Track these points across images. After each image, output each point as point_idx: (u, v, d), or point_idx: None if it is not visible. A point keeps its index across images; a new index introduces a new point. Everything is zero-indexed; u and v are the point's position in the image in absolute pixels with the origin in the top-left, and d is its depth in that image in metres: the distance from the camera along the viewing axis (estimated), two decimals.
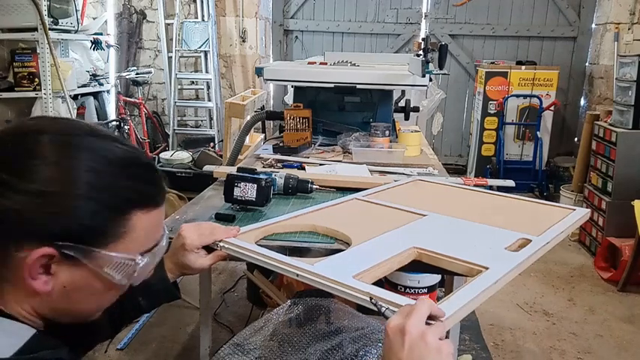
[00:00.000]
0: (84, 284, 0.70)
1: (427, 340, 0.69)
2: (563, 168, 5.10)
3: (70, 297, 0.70)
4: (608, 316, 2.95)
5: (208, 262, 1.05)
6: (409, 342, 0.68)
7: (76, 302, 0.71)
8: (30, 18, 3.40)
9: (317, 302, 1.04)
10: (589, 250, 3.84)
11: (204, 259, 1.04)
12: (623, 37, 4.75)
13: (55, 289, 0.68)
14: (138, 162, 0.74)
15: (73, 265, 0.67)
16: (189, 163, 4.57)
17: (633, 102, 3.58)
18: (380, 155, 2.03)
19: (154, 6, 5.24)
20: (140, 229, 0.71)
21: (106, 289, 0.73)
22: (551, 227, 1.17)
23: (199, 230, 1.05)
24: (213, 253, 1.05)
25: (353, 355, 0.99)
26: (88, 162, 0.67)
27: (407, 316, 0.70)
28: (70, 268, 0.67)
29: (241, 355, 0.97)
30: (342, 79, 2.25)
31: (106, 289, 0.73)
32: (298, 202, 1.49)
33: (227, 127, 3.01)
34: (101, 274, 0.70)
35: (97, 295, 0.73)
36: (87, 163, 0.67)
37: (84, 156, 0.67)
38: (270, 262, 0.97)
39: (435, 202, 1.39)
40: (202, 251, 1.04)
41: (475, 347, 2.56)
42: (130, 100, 5.04)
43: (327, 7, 5.65)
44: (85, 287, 0.70)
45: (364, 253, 1.01)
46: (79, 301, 0.71)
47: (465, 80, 5.69)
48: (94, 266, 0.68)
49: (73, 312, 0.73)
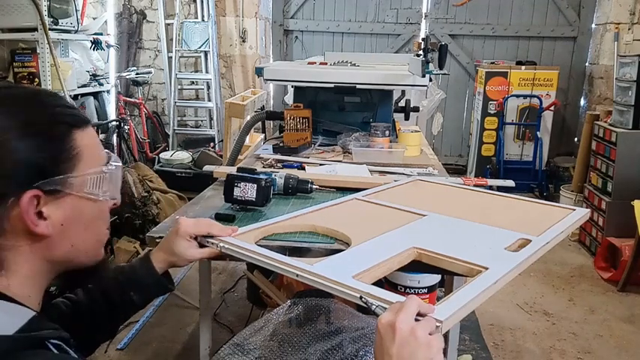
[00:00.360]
0: (76, 214, 0.76)
1: (417, 335, 0.71)
2: (563, 168, 5.10)
3: (70, 233, 0.76)
4: (608, 316, 2.95)
5: (199, 254, 1.05)
6: (400, 337, 0.70)
7: (76, 238, 0.77)
8: (30, 18, 3.40)
9: (317, 302, 1.04)
10: (589, 250, 3.84)
11: (195, 250, 1.04)
12: (623, 37, 4.75)
13: (55, 229, 0.74)
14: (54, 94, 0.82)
15: (59, 199, 0.73)
16: (189, 163, 4.58)
17: (633, 102, 3.58)
18: (380, 155, 2.03)
19: (154, 6, 5.24)
20: (88, 147, 0.77)
21: (95, 214, 0.79)
22: (551, 227, 1.17)
23: (197, 221, 1.06)
24: (206, 248, 1.05)
25: (353, 355, 0.99)
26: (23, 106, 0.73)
27: (397, 312, 0.73)
28: (58, 204, 0.74)
29: (241, 355, 0.97)
30: (342, 79, 2.25)
31: (94, 214, 0.79)
32: (298, 202, 1.49)
33: (227, 127, 3.02)
34: (85, 197, 0.76)
35: (92, 224, 0.79)
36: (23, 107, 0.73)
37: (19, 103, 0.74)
38: (270, 263, 0.97)
39: (435, 202, 1.39)
40: (194, 242, 1.04)
41: (475, 347, 2.56)
42: (130, 100, 5.04)
43: (327, 7, 5.65)
44: (78, 218, 0.77)
45: (364, 254, 1.01)
46: (78, 235, 0.77)
47: (465, 80, 5.69)
48: (76, 192, 0.75)
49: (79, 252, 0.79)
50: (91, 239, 0.81)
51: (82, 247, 0.79)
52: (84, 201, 0.77)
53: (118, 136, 4.56)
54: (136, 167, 4.05)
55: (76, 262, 0.80)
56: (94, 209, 0.79)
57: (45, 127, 0.73)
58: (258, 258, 0.99)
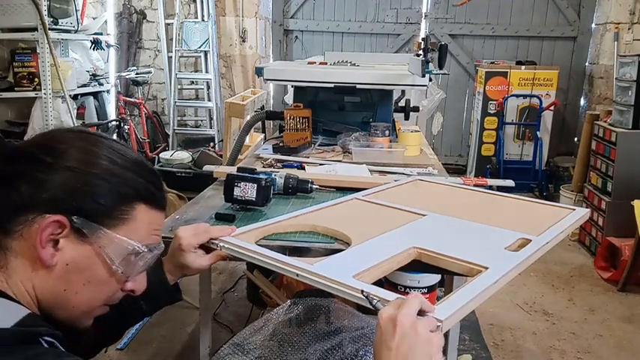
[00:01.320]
0: (84, 265, 0.75)
1: (418, 331, 0.71)
2: (563, 168, 5.10)
3: (69, 278, 0.75)
4: (608, 316, 2.95)
5: (207, 261, 1.05)
6: (400, 331, 0.71)
7: (73, 286, 0.76)
8: (30, 18, 3.40)
9: (317, 302, 1.04)
10: (589, 250, 3.84)
11: (203, 258, 1.04)
12: (623, 37, 4.75)
13: (58, 265, 0.73)
14: (146, 165, 0.84)
15: (79, 242, 0.74)
16: (189, 163, 4.58)
17: (633, 102, 3.58)
18: (380, 155, 2.03)
19: (153, 6, 5.24)
20: (141, 221, 0.79)
21: (103, 279, 0.78)
22: (551, 227, 1.17)
23: (195, 230, 1.05)
24: (212, 253, 1.05)
25: (353, 355, 0.99)
26: (106, 152, 0.78)
27: (399, 307, 0.73)
28: (75, 246, 0.74)
29: (241, 355, 0.97)
30: (342, 79, 2.24)
31: (102, 279, 0.78)
32: (298, 202, 1.48)
33: (227, 127, 3.02)
34: (102, 256, 0.76)
35: (93, 285, 0.77)
36: (105, 153, 0.77)
37: (103, 148, 0.78)
38: (269, 262, 0.97)
39: (435, 202, 1.39)
40: (200, 251, 1.04)
41: (475, 347, 2.56)
42: (130, 100, 5.04)
43: (327, 7, 5.65)
44: (84, 269, 0.75)
45: (364, 253, 1.01)
46: (75, 285, 0.76)
47: (464, 80, 5.69)
48: (98, 245, 0.75)
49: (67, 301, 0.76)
50: (84, 298, 0.78)
51: (72, 299, 0.76)
52: (99, 260, 0.76)
53: (118, 135, 4.56)
54: None
55: (59, 310, 0.77)
56: (104, 275, 0.78)
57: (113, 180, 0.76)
58: (258, 258, 0.99)
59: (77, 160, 0.74)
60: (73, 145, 0.76)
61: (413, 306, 0.73)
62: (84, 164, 0.75)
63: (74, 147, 0.76)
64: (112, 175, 0.76)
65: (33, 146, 0.76)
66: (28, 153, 0.75)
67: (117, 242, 0.76)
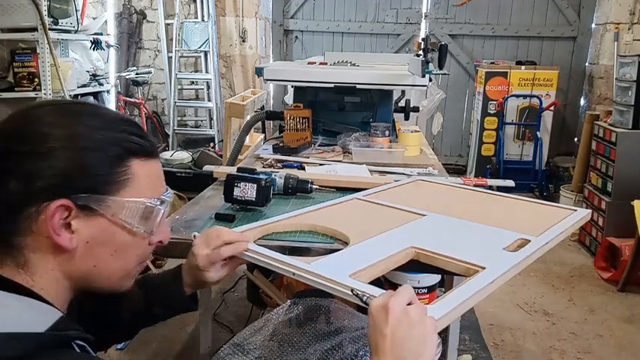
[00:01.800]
0: (105, 237, 0.75)
1: (410, 315, 0.71)
2: (563, 168, 5.10)
3: (94, 254, 0.75)
4: (608, 316, 2.95)
5: (224, 273, 1.02)
6: (393, 317, 0.71)
7: (101, 260, 0.76)
8: (30, 18, 3.40)
9: (317, 302, 1.04)
10: (589, 250, 3.84)
11: (220, 271, 1.01)
12: (623, 37, 4.75)
13: (79, 246, 0.73)
14: (124, 118, 0.81)
15: (90, 217, 0.73)
16: (189, 163, 4.57)
17: (633, 102, 3.58)
18: (380, 155, 2.03)
19: (153, 6, 5.24)
20: (141, 177, 0.77)
21: (128, 243, 0.78)
22: (551, 228, 1.17)
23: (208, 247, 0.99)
24: (230, 263, 1.02)
25: (353, 355, 0.99)
26: (82, 120, 0.74)
27: (390, 296, 0.74)
28: (88, 222, 0.73)
29: (241, 355, 0.97)
30: (342, 79, 2.24)
31: (127, 243, 0.77)
32: (298, 202, 1.49)
33: (227, 127, 3.02)
34: (118, 222, 0.75)
35: (120, 252, 0.77)
36: (82, 121, 0.74)
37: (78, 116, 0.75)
38: (267, 261, 0.97)
39: (435, 202, 1.39)
40: (218, 264, 1.00)
41: (475, 347, 2.56)
42: (130, 100, 5.05)
43: (327, 7, 5.65)
44: (106, 241, 0.75)
45: (362, 253, 1.01)
46: (104, 258, 0.76)
47: (465, 80, 5.69)
48: (110, 214, 0.74)
49: (100, 275, 0.77)
50: (116, 266, 0.78)
51: (104, 271, 0.77)
52: (117, 227, 0.75)
53: None
54: None
55: (96, 284, 0.79)
56: (128, 238, 0.77)
57: (99, 146, 0.73)
58: (256, 257, 0.99)
59: (58, 138, 0.71)
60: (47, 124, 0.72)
61: (403, 295, 0.73)
62: (66, 140, 0.71)
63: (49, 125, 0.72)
64: (96, 142, 0.73)
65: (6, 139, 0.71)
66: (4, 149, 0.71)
67: (127, 205, 0.75)
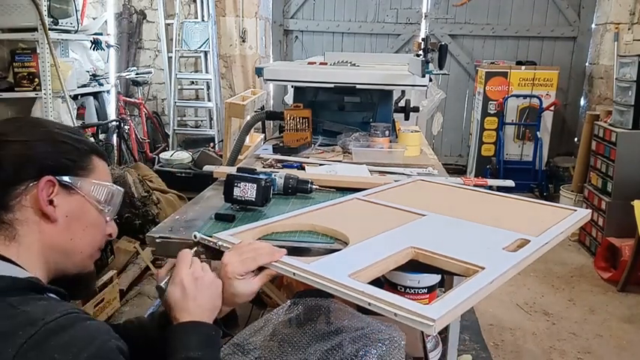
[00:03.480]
0: (80, 212, 0.91)
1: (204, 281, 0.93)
2: (563, 168, 5.10)
3: (72, 228, 0.90)
4: (608, 316, 2.95)
5: (258, 284, 0.98)
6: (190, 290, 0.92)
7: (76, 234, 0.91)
8: (30, 18, 3.39)
9: (317, 302, 1.04)
10: (589, 250, 3.84)
11: (253, 282, 0.97)
12: (623, 37, 4.75)
13: (60, 219, 0.88)
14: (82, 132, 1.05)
15: (68, 194, 0.89)
16: (189, 163, 4.57)
17: (633, 102, 3.58)
18: (380, 155, 2.03)
19: (154, 6, 5.24)
20: (101, 169, 0.95)
21: (96, 221, 0.94)
22: (551, 228, 1.17)
23: (241, 256, 0.97)
24: (262, 273, 0.98)
25: (353, 355, 0.99)
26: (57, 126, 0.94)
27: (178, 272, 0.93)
28: (67, 198, 0.89)
29: (241, 355, 0.97)
30: (342, 79, 2.24)
31: (96, 221, 0.94)
32: (298, 202, 1.48)
33: (227, 127, 3.02)
34: (90, 200, 0.92)
35: (90, 228, 0.93)
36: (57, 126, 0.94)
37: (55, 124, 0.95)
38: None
39: (435, 202, 1.39)
40: (249, 274, 0.96)
41: (475, 347, 2.56)
42: (130, 100, 5.05)
43: (327, 7, 5.65)
44: (81, 216, 0.91)
45: (361, 253, 1.01)
46: (78, 232, 0.91)
47: (465, 80, 5.69)
48: (83, 193, 0.91)
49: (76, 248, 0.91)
50: (86, 241, 0.93)
51: (78, 244, 0.91)
52: (88, 205, 0.92)
53: (118, 136, 4.56)
54: (136, 167, 4.05)
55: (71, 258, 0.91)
56: (95, 217, 0.94)
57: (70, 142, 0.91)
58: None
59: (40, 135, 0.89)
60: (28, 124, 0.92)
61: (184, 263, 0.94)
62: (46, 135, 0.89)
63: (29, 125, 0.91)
64: (68, 139, 0.91)
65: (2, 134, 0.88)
66: None
67: (96, 187, 0.93)
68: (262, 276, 0.97)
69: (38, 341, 0.71)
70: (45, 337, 0.71)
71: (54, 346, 0.71)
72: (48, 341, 0.71)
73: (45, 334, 0.71)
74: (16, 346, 0.69)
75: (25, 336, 0.71)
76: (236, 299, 0.97)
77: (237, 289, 0.95)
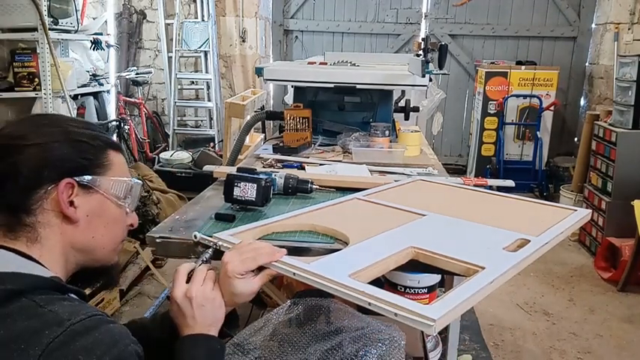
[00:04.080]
0: (100, 211, 0.92)
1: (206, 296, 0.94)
2: (563, 168, 5.10)
3: (93, 226, 0.91)
4: (608, 316, 2.95)
5: (258, 283, 0.97)
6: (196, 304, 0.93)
7: (98, 231, 0.92)
8: (30, 18, 3.39)
9: (317, 302, 1.03)
10: (589, 250, 3.84)
11: (253, 282, 0.96)
12: (623, 37, 4.75)
13: (81, 219, 0.89)
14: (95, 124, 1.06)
15: (88, 194, 0.90)
16: (189, 163, 4.57)
17: (633, 102, 3.58)
18: (380, 155, 2.03)
19: (153, 6, 5.24)
20: (117, 164, 0.95)
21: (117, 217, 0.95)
22: (551, 228, 1.17)
23: (241, 255, 0.97)
24: (262, 273, 0.97)
25: (353, 355, 0.99)
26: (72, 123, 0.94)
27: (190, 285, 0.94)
28: (87, 197, 0.90)
29: (241, 355, 0.97)
30: (342, 79, 2.24)
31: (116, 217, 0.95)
32: (298, 202, 1.48)
33: (227, 127, 3.02)
34: (109, 197, 0.93)
35: (111, 224, 0.94)
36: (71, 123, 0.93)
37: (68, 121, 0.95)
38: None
39: (435, 202, 1.39)
40: (249, 274, 0.96)
41: (475, 347, 2.56)
42: (130, 100, 5.04)
43: (327, 7, 5.65)
44: (101, 214, 0.92)
45: (361, 252, 1.01)
46: (99, 230, 0.92)
47: (465, 80, 5.69)
48: (103, 191, 0.92)
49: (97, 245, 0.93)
50: (108, 237, 0.94)
51: (100, 241, 0.93)
52: (108, 202, 0.93)
53: (118, 136, 4.56)
54: (136, 167, 4.05)
55: (94, 254, 0.93)
56: (116, 212, 0.95)
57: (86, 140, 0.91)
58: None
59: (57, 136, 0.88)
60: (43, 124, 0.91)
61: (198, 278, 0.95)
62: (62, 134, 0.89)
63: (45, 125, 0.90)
64: (84, 137, 0.91)
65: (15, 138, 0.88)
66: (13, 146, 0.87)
67: (115, 183, 0.93)
68: (262, 276, 0.97)
69: (64, 342, 0.72)
70: (71, 337, 0.73)
71: (79, 348, 0.73)
72: (73, 342, 0.73)
73: (71, 334, 0.73)
74: (42, 345, 0.71)
75: (52, 335, 0.72)
76: (236, 299, 0.97)
77: (237, 288, 0.95)
